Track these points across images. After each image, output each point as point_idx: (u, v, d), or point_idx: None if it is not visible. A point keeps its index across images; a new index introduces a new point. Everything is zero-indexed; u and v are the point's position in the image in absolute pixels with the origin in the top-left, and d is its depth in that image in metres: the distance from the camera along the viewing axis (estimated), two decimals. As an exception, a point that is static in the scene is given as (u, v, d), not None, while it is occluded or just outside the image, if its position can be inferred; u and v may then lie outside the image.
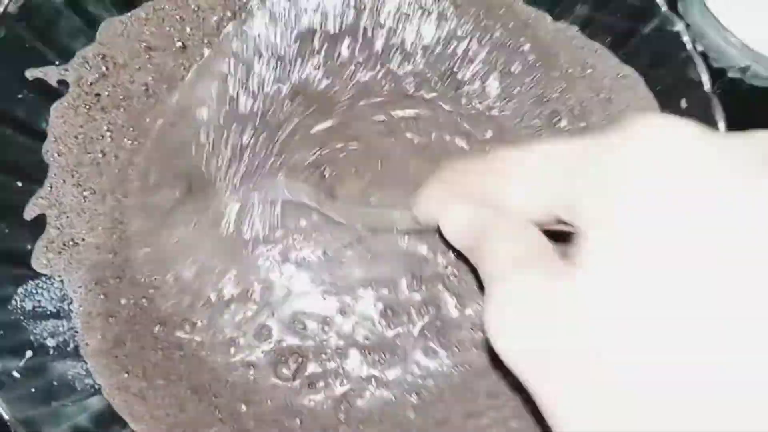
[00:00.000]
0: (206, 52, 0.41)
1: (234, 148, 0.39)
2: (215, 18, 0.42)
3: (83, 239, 0.37)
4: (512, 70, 0.41)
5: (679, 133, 0.19)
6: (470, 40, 0.41)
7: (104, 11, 0.39)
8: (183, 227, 0.38)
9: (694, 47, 0.35)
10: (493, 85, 0.41)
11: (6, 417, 0.29)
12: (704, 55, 0.39)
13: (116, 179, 0.39)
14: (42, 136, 0.37)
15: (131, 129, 0.40)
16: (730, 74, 0.44)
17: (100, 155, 0.39)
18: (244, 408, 0.36)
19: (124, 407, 0.34)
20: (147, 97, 0.41)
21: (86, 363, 0.34)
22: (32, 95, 0.36)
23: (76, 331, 0.35)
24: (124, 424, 0.34)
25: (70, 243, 0.37)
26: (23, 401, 0.30)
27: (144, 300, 0.37)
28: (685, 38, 0.35)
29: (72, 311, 0.35)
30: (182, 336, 0.37)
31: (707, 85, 0.35)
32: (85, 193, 0.38)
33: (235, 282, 0.38)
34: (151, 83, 0.41)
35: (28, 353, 0.33)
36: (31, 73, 0.36)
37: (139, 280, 0.38)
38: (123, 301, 0.37)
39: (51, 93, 0.37)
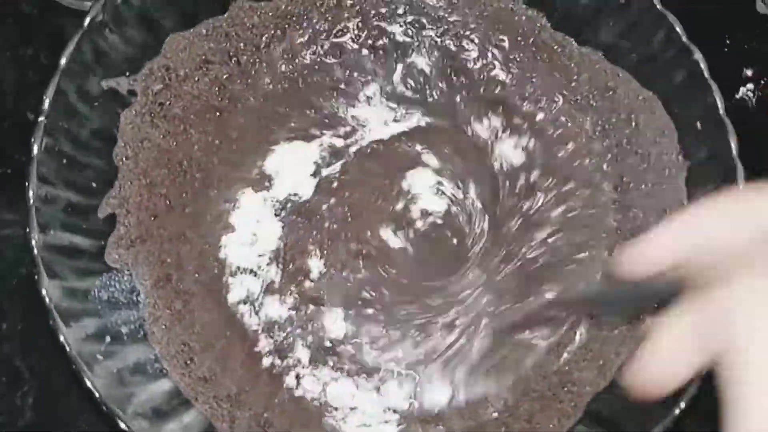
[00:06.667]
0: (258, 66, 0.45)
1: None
2: (266, 36, 0.46)
3: (147, 238, 0.41)
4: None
5: None
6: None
7: (170, 27, 0.42)
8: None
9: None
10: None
11: (97, 394, 0.32)
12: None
13: (179, 184, 0.42)
14: (114, 140, 0.40)
15: (190, 137, 0.44)
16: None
17: (165, 160, 0.42)
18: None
19: (189, 390, 0.37)
20: (205, 108, 0.44)
21: (154, 349, 0.38)
22: (106, 103, 0.40)
23: (144, 320, 0.38)
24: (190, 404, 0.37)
25: (137, 240, 0.40)
26: (109, 380, 0.33)
27: (204, 298, 0.41)
28: (702, 65, 0.39)
29: (140, 302, 0.39)
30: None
31: (721, 108, 0.38)
32: (148, 196, 0.41)
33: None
34: (208, 95, 0.44)
35: (107, 338, 0.36)
36: (106, 83, 0.40)
37: (201, 279, 0.41)
38: (185, 297, 0.40)
39: (122, 101, 0.41)
